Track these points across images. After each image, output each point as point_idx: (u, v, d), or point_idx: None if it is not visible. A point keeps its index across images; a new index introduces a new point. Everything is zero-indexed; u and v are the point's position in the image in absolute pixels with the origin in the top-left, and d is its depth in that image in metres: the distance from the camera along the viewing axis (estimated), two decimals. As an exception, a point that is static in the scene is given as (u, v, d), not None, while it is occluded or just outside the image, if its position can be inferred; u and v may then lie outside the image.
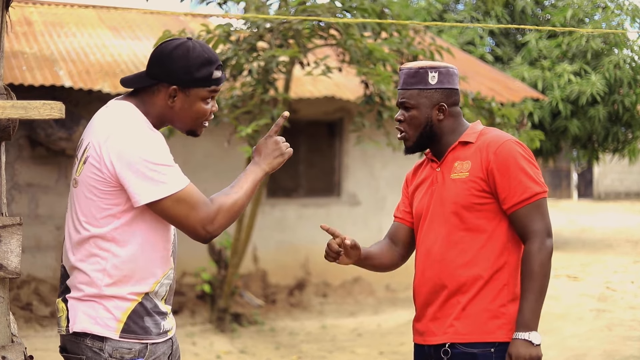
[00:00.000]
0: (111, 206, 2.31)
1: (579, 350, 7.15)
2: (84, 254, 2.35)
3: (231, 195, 2.37)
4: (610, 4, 15.88)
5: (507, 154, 2.66)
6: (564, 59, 15.21)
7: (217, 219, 2.32)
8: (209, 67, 2.38)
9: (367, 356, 7.42)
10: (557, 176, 30.20)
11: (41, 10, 10.43)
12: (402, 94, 2.80)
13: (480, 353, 2.66)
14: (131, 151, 2.26)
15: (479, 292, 2.69)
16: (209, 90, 2.41)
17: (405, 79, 2.79)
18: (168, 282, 2.44)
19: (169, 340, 2.46)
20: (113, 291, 2.33)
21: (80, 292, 2.35)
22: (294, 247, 9.96)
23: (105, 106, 2.44)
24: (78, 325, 2.34)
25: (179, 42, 2.39)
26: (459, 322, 2.69)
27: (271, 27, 7.32)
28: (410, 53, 7.43)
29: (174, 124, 2.46)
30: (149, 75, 2.39)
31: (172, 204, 2.28)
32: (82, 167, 2.35)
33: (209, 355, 7.36)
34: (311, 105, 9.62)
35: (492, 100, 7.85)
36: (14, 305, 8.03)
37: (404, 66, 2.84)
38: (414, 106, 2.77)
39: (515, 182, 2.64)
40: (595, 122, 14.65)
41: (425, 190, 2.83)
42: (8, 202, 7.81)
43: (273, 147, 2.50)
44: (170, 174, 2.28)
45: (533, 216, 2.64)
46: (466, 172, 2.71)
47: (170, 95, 2.38)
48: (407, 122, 2.79)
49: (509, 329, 2.67)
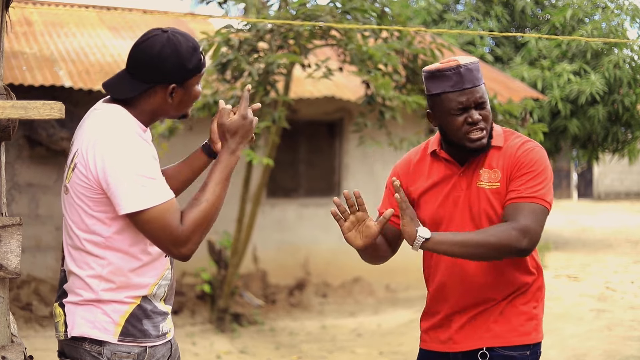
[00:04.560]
0: (100, 213, 2.27)
1: (579, 350, 7.15)
2: (79, 260, 2.32)
3: (202, 206, 2.24)
4: (610, 4, 15.86)
5: (533, 157, 2.60)
6: (564, 59, 15.21)
7: (191, 241, 2.23)
8: (196, 54, 2.34)
9: (367, 356, 7.42)
10: (557, 176, 30.15)
11: (41, 11, 10.43)
12: (477, 92, 2.58)
13: (519, 356, 2.63)
14: (116, 160, 2.20)
15: (518, 296, 2.66)
16: (199, 75, 2.39)
17: (476, 75, 2.59)
18: (166, 282, 2.40)
19: (168, 343, 2.43)
20: (110, 295, 2.30)
21: (78, 297, 2.32)
22: (294, 247, 9.96)
23: (93, 108, 2.39)
24: (76, 330, 2.32)
25: (163, 40, 2.30)
26: (497, 325, 2.64)
27: (271, 28, 7.32)
28: (411, 52, 7.43)
29: (168, 115, 2.42)
30: (141, 80, 2.32)
31: (148, 220, 2.19)
32: (71, 174, 2.30)
33: (209, 355, 7.36)
34: (311, 105, 9.62)
35: (494, 98, 7.86)
36: (13, 306, 8.03)
37: (466, 62, 2.60)
38: (488, 103, 2.62)
39: (533, 181, 2.56)
40: (595, 122, 14.64)
41: (444, 196, 2.69)
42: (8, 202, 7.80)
43: (249, 127, 2.37)
44: (154, 187, 2.20)
45: (528, 214, 2.53)
46: (497, 183, 2.61)
47: (169, 94, 2.34)
48: (486, 119, 2.60)
49: (539, 329, 2.68)
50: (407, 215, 2.51)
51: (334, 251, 9.96)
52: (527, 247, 2.49)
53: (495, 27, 16.08)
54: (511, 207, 2.55)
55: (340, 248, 10.12)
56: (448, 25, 16.14)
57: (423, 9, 16.52)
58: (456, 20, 16.47)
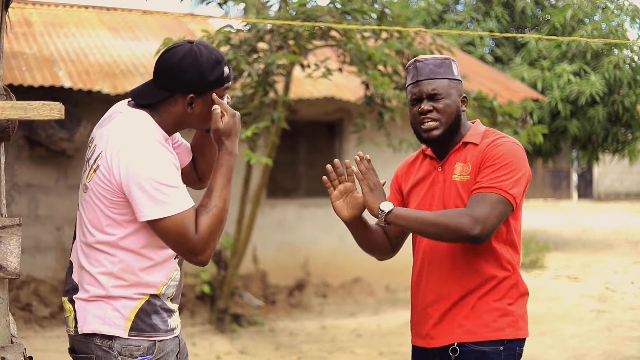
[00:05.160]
0: (118, 215, 2.33)
1: (579, 350, 7.15)
2: (90, 256, 2.37)
3: (213, 212, 2.32)
4: (610, 5, 15.86)
5: (501, 149, 2.66)
6: (564, 59, 15.21)
7: (208, 248, 2.31)
8: (219, 67, 2.38)
9: (367, 356, 7.42)
10: (557, 177, 30.21)
11: (41, 11, 10.42)
12: (431, 83, 2.71)
13: (491, 351, 2.66)
14: (139, 168, 2.26)
15: (488, 292, 2.69)
16: (223, 89, 2.42)
17: (433, 69, 2.73)
18: (174, 283, 2.46)
19: (176, 338, 2.48)
20: (120, 292, 2.35)
21: (87, 293, 2.37)
22: (293, 247, 9.96)
23: (118, 110, 2.42)
24: (87, 327, 2.36)
25: (185, 50, 2.36)
26: (468, 321, 2.68)
27: (271, 28, 7.32)
28: (411, 53, 7.43)
29: (192, 126, 2.47)
30: (162, 87, 2.38)
31: (167, 227, 2.27)
32: (93, 174, 2.35)
33: (208, 355, 7.36)
34: (311, 105, 9.62)
35: (494, 99, 7.85)
36: (13, 306, 8.03)
37: (425, 57, 2.77)
38: (446, 96, 2.72)
39: (495, 173, 2.62)
40: (595, 123, 14.64)
41: (425, 191, 2.80)
42: (8, 203, 7.80)
43: (238, 124, 2.43)
44: (175, 195, 2.27)
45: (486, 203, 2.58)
46: (467, 175, 2.69)
47: (188, 104, 2.38)
48: (439, 111, 2.71)
49: (517, 326, 2.69)
50: (366, 185, 2.68)
51: (334, 251, 9.96)
52: (479, 234, 2.55)
53: (495, 27, 16.09)
54: (472, 197, 2.63)
55: (340, 248, 10.14)
56: (448, 25, 16.15)
57: (423, 10, 16.53)
58: (456, 20, 16.48)
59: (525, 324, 2.74)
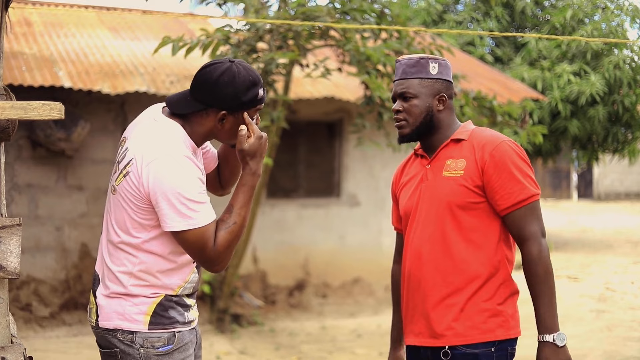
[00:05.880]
0: (144, 220, 2.44)
1: (579, 350, 7.15)
2: (114, 255, 2.50)
3: (231, 228, 2.44)
4: (610, 5, 15.86)
5: (504, 155, 2.67)
6: (564, 60, 15.20)
7: (224, 260, 2.45)
8: (254, 89, 2.47)
9: (367, 357, 7.42)
10: (556, 177, 30.21)
11: (41, 11, 10.42)
12: (401, 84, 2.78)
13: (482, 353, 2.66)
14: (168, 183, 2.37)
15: (476, 291, 2.68)
16: (255, 110, 2.51)
17: (405, 69, 2.78)
18: (191, 285, 2.58)
19: (194, 330, 2.60)
20: (139, 290, 2.48)
21: (108, 290, 2.50)
22: (293, 247, 9.96)
23: (153, 118, 2.50)
24: (109, 323, 2.49)
25: (224, 68, 2.44)
26: (458, 323, 2.67)
27: (271, 28, 7.32)
28: (410, 53, 7.43)
29: (220, 139, 2.57)
30: (197, 100, 2.47)
31: (188, 238, 2.40)
32: (122, 179, 2.45)
33: (208, 355, 7.36)
34: (311, 105, 9.62)
35: (494, 99, 7.85)
36: (13, 306, 8.03)
37: (401, 57, 2.84)
38: (415, 95, 2.76)
39: (511, 183, 2.65)
40: (595, 123, 14.64)
41: (414, 188, 2.81)
42: (8, 203, 7.80)
43: (265, 146, 2.53)
44: (199, 210, 2.38)
45: (529, 218, 2.65)
46: (461, 171, 2.70)
47: (219, 119, 2.47)
48: (407, 111, 2.77)
49: (508, 326, 2.69)
50: None
51: (334, 252, 9.96)
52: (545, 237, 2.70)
53: (495, 27, 16.08)
54: (511, 219, 2.69)
55: (340, 248, 10.15)
56: (448, 25, 16.14)
57: (423, 10, 16.53)
58: (456, 20, 16.47)
59: (516, 323, 2.73)
